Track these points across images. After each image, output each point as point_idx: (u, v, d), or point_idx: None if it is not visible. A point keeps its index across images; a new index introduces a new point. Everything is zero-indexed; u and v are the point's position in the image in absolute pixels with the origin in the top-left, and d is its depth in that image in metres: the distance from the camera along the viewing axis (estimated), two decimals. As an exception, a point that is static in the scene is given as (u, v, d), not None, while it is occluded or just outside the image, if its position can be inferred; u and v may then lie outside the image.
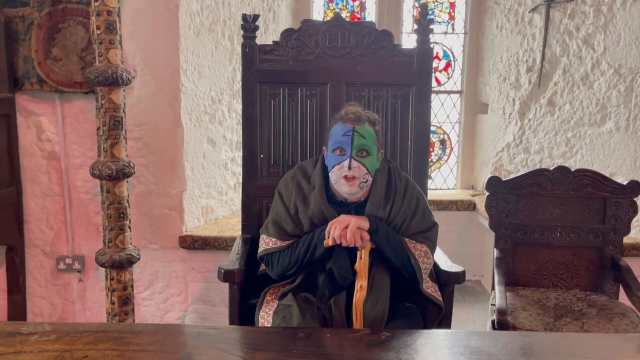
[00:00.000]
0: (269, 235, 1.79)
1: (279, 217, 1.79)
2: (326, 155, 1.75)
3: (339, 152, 1.68)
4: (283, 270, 1.76)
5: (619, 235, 2.27)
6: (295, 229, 1.76)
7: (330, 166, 1.70)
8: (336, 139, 1.68)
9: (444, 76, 3.78)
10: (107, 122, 2.19)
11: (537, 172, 2.31)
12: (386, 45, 2.10)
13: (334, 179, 1.70)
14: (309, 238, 1.71)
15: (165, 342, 1.31)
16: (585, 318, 2.03)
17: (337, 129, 1.70)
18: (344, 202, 1.74)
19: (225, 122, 3.09)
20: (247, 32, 2.09)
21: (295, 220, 1.76)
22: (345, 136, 1.66)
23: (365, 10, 3.76)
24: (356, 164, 1.65)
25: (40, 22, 2.54)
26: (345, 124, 1.68)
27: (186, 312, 2.88)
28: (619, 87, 3.05)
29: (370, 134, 1.69)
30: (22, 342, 1.27)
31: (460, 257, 2.58)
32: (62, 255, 2.79)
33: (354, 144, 1.65)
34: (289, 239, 1.76)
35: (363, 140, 1.66)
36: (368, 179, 1.70)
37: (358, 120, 1.68)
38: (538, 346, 1.35)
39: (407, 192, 1.77)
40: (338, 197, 1.75)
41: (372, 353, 1.28)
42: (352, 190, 1.68)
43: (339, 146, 1.68)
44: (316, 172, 1.78)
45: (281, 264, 1.75)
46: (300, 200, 1.76)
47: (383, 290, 1.66)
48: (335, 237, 1.62)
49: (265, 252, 1.79)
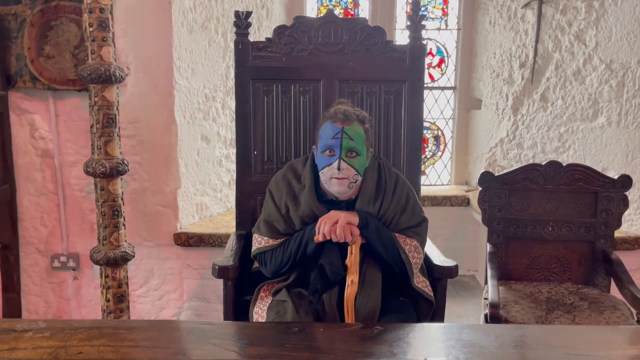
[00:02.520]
0: (261, 234, 1.80)
1: (270, 217, 1.79)
2: (316, 154, 1.76)
3: (328, 152, 1.69)
4: (276, 268, 1.77)
5: (610, 229, 2.29)
6: (286, 228, 1.76)
7: (320, 167, 1.72)
8: (325, 141, 1.70)
9: (437, 72, 3.79)
10: (101, 120, 2.18)
11: (529, 167, 2.33)
12: (379, 41, 2.11)
13: (324, 179, 1.72)
14: (300, 235, 1.72)
15: (160, 337, 1.31)
16: (576, 311, 2.05)
17: (326, 129, 1.71)
18: (334, 201, 1.75)
19: (219, 119, 3.09)
20: (239, 29, 2.10)
21: (287, 220, 1.76)
22: (334, 139, 1.67)
23: (358, 7, 3.76)
24: (345, 165, 1.67)
25: (32, 20, 2.53)
26: (335, 124, 1.69)
27: (181, 309, 2.89)
28: (611, 82, 3.07)
29: (359, 135, 1.70)
30: (17, 339, 1.27)
31: (455, 253, 2.58)
32: (57, 253, 2.79)
33: (343, 146, 1.67)
34: (281, 237, 1.77)
35: (352, 142, 1.67)
36: (357, 179, 1.71)
37: (347, 119, 1.69)
38: (529, 338, 1.37)
39: (397, 188, 1.78)
40: (328, 195, 1.76)
41: (365, 347, 1.29)
42: (342, 189, 1.70)
43: (328, 148, 1.69)
44: (306, 171, 1.80)
45: (274, 262, 1.76)
46: (291, 200, 1.77)
47: (375, 286, 1.67)
48: (325, 233, 1.63)
49: (258, 251, 1.80)
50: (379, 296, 1.66)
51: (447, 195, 3.54)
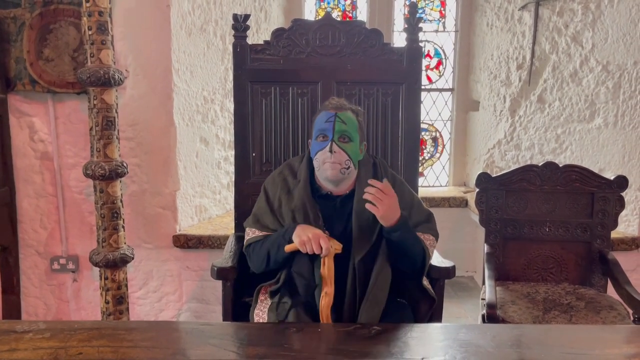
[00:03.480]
0: (249, 226, 1.82)
1: (259, 211, 1.82)
2: (311, 144, 1.78)
3: (321, 138, 1.72)
4: (258, 264, 1.76)
5: (606, 229, 2.30)
6: (274, 221, 1.77)
7: (314, 152, 1.74)
8: (319, 126, 1.73)
9: (435, 74, 3.81)
10: (100, 122, 2.19)
11: (526, 168, 2.34)
12: (376, 43, 2.12)
13: (317, 166, 1.73)
14: (278, 235, 1.70)
15: (159, 338, 1.32)
16: (573, 311, 2.06)
17: (320, 116, 1.76)
18: (329, 195, 1.76)
19: (217, 121, 3.10)
20: (238, 32, 2.11)
21: (277, 214, 1.77)
22: (327, 122, 1.71)
23: (356, 9, 3.78)
24: (337, 148, 1.68)
25: (31, 23, 2.55)
26: (328, 111, 1.73)
27: (181, 311, 2.90)
28: (607, 84, 3.09)
29: (351, 120, 1.73)
30: (17, 340, 1.28)
31: (453, 254, 2.58)
32: (56, 255, 2.80)
33: (336, 129, 1.70)
34: (268, 231, 1.77)
35: (344, 126, 1.70)
36: (350, 166, 1.71)
37: (341, 107, 1.75)
38: (526, 338, 1.38)
39: (395, 184, 1.77)
40: (323, 189, 1.76)
41: (363, 346, 1.30)
42: (334, 173, 1.68)
43: (321, 133, 1.72)
44: (302, 166, 1.82)
45: (256, 256, 1.76)
46: (285, 194, 1.78)
47: (379, 304, 1.63)
48: (295, 242, 1.60)
49: (247, 243, 1.80)
50: (380, 314, 1.62)
51: (445, 197, 3.56)
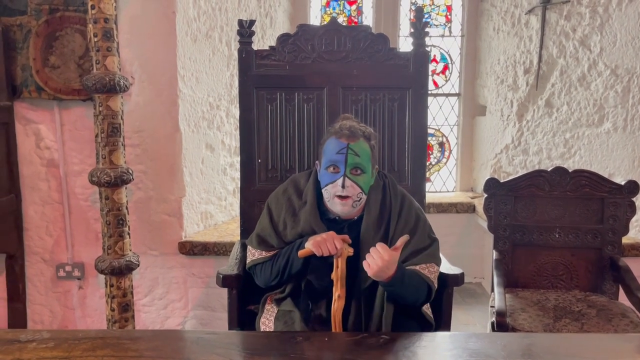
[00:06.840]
0: (253, 247, 1.76)
1: (263, 232, 1.75)
2: (319, 170, 1.71)
3: (332, 169, 1.63)
4: (266, 281, 1.72)
5: (617, 235, 2.27)
6: (279, 242, 1.72)
7: (324, 184, 1.65)
8: (330, 157, 1.63)
9: (441, 79, 3.79)
10: (106, 129, 2.19)
11: (535, 173, 2.32)
12: (382, 48, 2.11)
13: (327, 197, 1.66)
14: (288, 250, 1.67)
15: (164, 347, 1.31)
16: (584, 319, 2.03)
17: (331, 144, 1.65)
18: (337, 220, 1.69)
19: (223, 127, 3.09)
20: (243, 38, 2.10)
21: (282, 236, 1.71)
22: (339, 154, 1.61)
23: (362, 14, 3.77)
24: (350, 182, 1.60)
25: (38, 30, 2.55)
26: (340, 140, 1.63)
27: (186, 318, 2.88)
28: (616, 88, 3.06)
29: (365, 151, 1.63)
30: (21, 349, 1.27)
31: (461, 260, 2.57)
32: (62, 263, 2.79)
33: (348, 162, 1.60)
34: (273, 250, 1.73)
35: (357, 158, 1.61)
36: (362, 198, 1.65)
37: (353, 135, 1.63)
38: (537, 347, 1.35)
39: (403, 208, 1.71)
40: (331, 214, 1.70)
41: (371, 356, 1.28)
42: (345, 209, 1.63)
43: (332, 164, 1.63)
44: (308, 187, 1.74)
45: (264, 275, 1.72)
46: (290, 217, 1.72)
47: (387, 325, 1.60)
48: (307, 246, 1.57)
49: (252, 263, 1.75)
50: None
51: (453, 202, 3.53)
